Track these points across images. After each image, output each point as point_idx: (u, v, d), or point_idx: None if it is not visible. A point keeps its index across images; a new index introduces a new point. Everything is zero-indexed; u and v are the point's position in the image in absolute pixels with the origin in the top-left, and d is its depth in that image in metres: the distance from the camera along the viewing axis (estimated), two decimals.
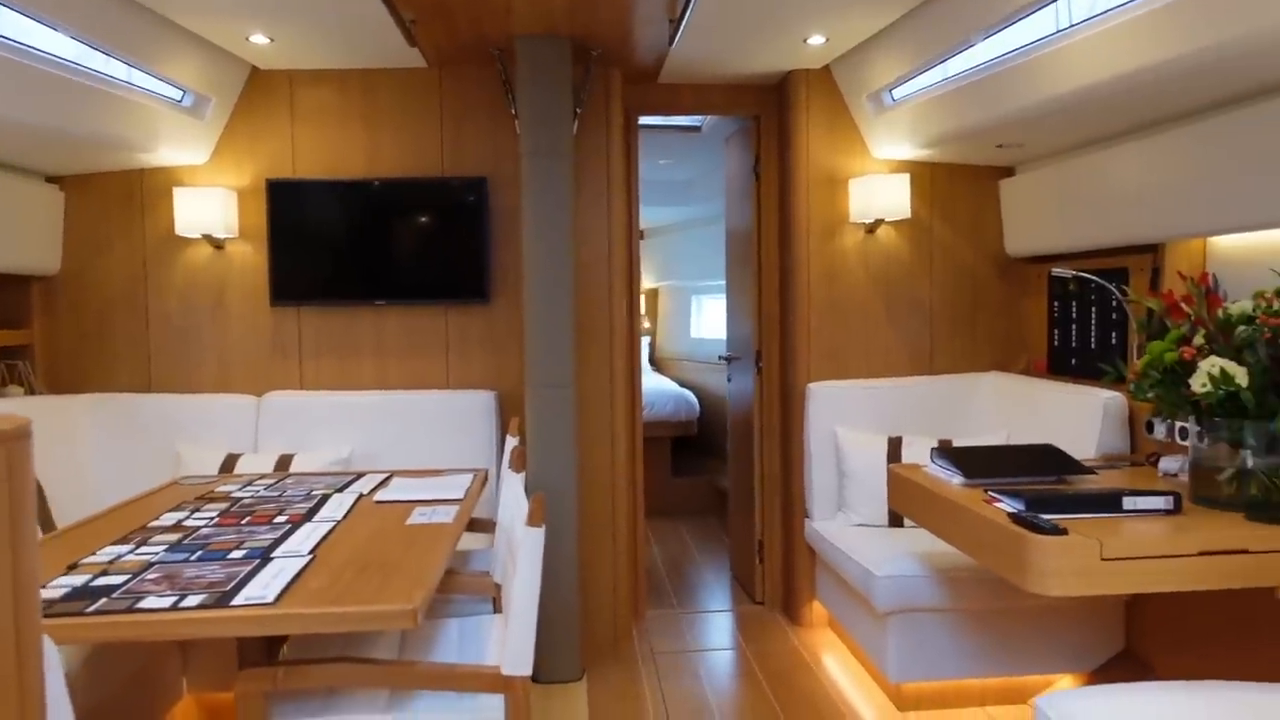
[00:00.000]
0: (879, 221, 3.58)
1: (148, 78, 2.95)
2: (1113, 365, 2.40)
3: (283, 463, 3.18)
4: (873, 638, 3.04)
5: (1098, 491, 2.20)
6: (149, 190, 3.45)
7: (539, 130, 3.12)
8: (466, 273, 3.49)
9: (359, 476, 2.85)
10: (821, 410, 3.57)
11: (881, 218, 3.51)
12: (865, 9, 2.86)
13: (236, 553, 1.96)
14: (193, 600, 1.63)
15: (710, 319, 7.29)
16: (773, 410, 3.90)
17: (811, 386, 3.61)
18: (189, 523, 2.25)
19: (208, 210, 3.32)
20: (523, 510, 1.94)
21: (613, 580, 3.55)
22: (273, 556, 1.93)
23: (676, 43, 3.12)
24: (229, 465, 3.16)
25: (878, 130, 3.49)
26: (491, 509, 3.17)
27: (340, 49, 3.23)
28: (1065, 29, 2.42)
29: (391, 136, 3.51)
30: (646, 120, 4.77)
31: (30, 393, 3.29)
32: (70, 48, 2.58)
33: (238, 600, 1.62)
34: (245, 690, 1.68)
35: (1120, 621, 2.98)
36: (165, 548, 2.02)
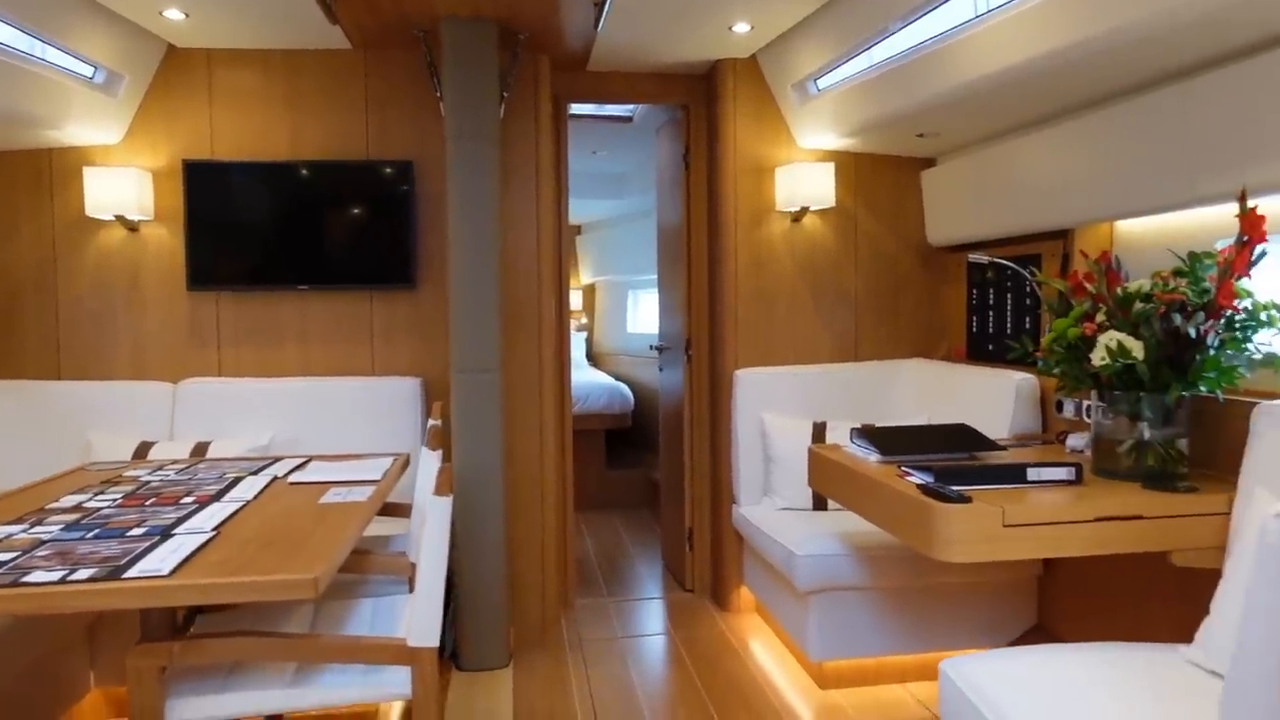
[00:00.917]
0: (805, 210, 3.63)
1: (57, 52, 2.85)
2: (1019, 342, 2.47)
3: (199, 450, 3.09)
4: (795, 618, 3.08)
5: (1004, 464, 2.26)
6: (59, 170, 3.33)
7: (464, 113, 3.10)
8: (392, 258, 3.45)
9: (275, 460, 2.79)
10: (749, 397, 3.61)
11: (807, 206, 3.56)
12: None
13: (136, 530, 1.90)
14: (83, 574, 1.57)
15: (646, 313, 7.32)
16: (702, 399, 3.93)
17: (739, 373, 3.64)
18: (90, 504, 2.17)
19: (121, 191, 3.22)
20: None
21: (541, 569, 3.53)
22: (174, 533, 1.87)
23: (603, 27, 3.12)
24: (142, 453, 3.06)
25: (803, 120, 3.54)
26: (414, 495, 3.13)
27: (260, 28, 3.16)
28: (981, 15, 2.48)
29: (315, 119, 3.45)
30: (578, 109, 4.77)
31: None
32: None
33: (131, 573, 1.57)
34: (138, 665, 1.62)
35: (1033, 596, 3.07)
36: (61, 527, 1.94)
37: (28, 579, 1.55)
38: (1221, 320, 2.11)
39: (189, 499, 2.22)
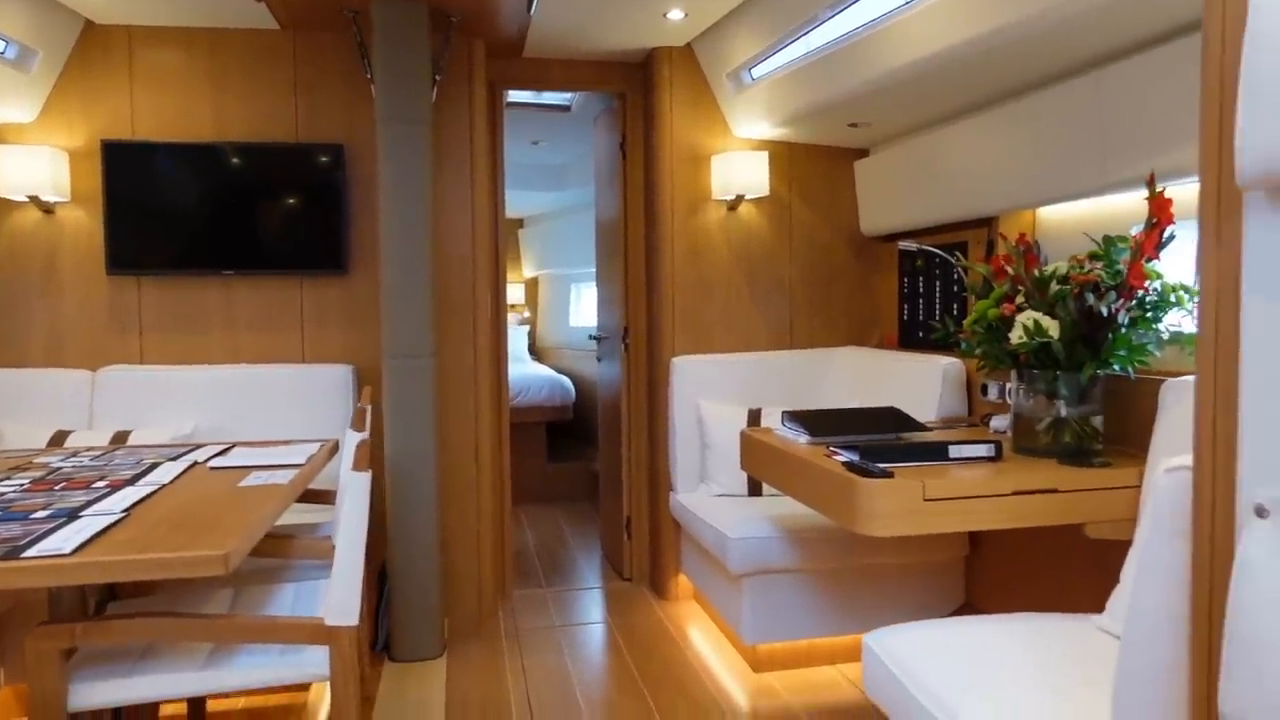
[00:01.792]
0: (740, 198, 3.65)
1: None
2: (941, 323, 2.52)
3: (118, 439, 3.00)
4: (729, 602, 3.10)
5: (927, 443, 2.30)
6: None
7: (396, 95, 3.06)
8: (323, 243, 3.38)
9: (198, 447, 2.71)
10: (685, 384, 3.62)
11: (742, 194, 3.58)
12: None
13: (41, 513, 1.83)
14: None
15: (589, 307, 7.31)
16: (640, 388, 3.93)
17: (675, 361, 3.65)
18: None
19: (35, 171, 3.10)
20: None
21: (477, 559, 3.49)
22: (81, 515, 1.80)
23: (536, 10, 3.10)
24: (58, 442, 2.95)
25: (738, 109, 3.57)
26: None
27: (183, 5, 3.08)
28: (907, 2, 2.51)
29: (241, 101, 3.36)
30: (516, 97, 4.74)
31: None
32: None
33: (30, 553, 1.51)
34: (38, 648, 1.56)
35: (961, 576, 3.13)
36: None
37: None
38: (1133, 301, 2.18)
39: (101, 483, 2.15)
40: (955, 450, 2.23)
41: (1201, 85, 0.96)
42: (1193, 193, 1.97)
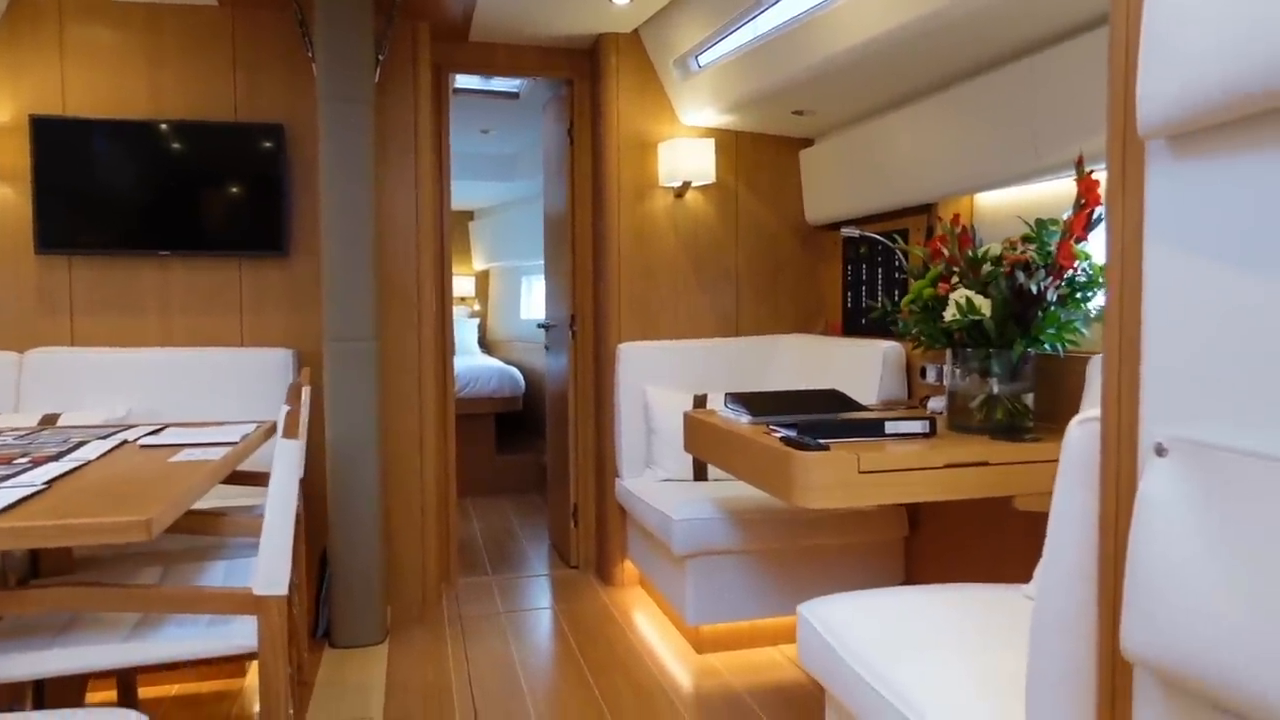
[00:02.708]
0: (687, 185, 3.67)
1: None
2: (880, 304, 2.56)
3: (47, 421, 2.91)
4: (674, 585, 3.11)
5: (863, 419, 2.34)
6: None
7: (338, 73, 3.02)
8: (263, 224, 3.32)
9: (129, 427, 2.65)
10: (631, 370, 3.63)
11: (689, 181, 3.60)
12: None
13: None
14: None
15: (539, 300, 7.28)
16: (587, 375, 3.93)
17: (622, 347, 3.65)
18: None
19: None
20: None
21: (421, 547, 3.46)
22: None
23: None
24: None
25: (685, 96, 3.59)
26: None
27: None
28: None
29: (177, 78, 3.29)
30: (463, 83, 4.70)
31: None
32: None
33: None
34: None
35: (900, 556, 3.18)
36: None
37: None
38: (1062, 280, 2.24)
39: (24, 459, 2.08)
40: (891, 426, 2.27)
41: (1109, 39, 0.99)
42: None
